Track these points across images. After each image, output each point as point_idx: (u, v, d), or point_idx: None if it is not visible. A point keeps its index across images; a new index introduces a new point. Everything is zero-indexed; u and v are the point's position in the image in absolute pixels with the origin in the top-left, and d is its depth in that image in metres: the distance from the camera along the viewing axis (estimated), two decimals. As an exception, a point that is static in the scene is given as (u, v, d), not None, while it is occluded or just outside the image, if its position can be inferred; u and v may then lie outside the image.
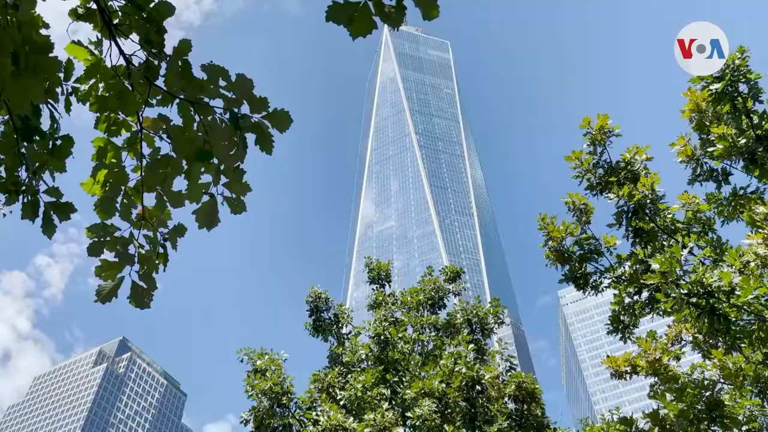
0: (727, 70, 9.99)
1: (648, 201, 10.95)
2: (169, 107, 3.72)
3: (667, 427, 11.10)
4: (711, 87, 10.19)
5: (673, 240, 10.63)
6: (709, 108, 10.61)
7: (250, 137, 3.74)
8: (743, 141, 10.01)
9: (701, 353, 11.82)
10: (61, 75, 3.61)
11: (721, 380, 10.98)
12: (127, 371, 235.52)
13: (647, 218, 11.01)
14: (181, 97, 3.65)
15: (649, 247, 10.82)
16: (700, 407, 10.46)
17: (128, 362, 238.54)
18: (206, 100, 3.66)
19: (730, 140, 10.10)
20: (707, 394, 10.59)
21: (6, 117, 3.53)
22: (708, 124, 10.66)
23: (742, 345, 9.31)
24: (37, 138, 3.62)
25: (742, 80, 10.00)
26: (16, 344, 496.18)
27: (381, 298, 19.03)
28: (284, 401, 15.17)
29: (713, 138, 10.42)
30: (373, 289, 19.95)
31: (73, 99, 3.73)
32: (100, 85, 3.71)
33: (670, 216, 11.05)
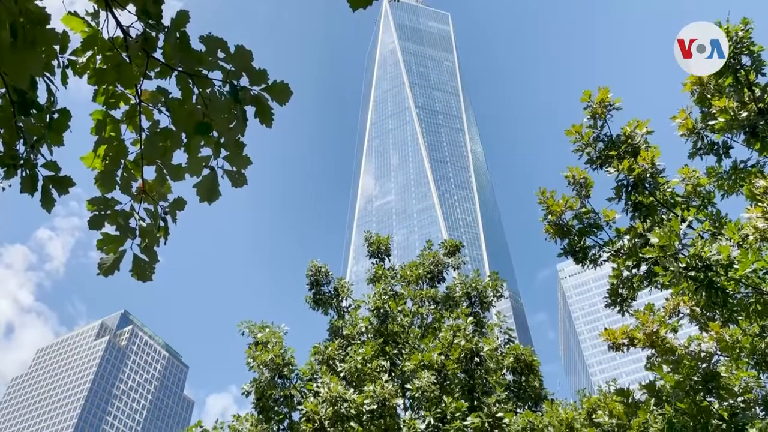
0: (730, 42, 9.89)
1: (648, 175, 10.94)
2: (168, 80, 3.69)
3: (664, 398, 11.26)
4: (713, 59, 10.11)
5: (672, 214, 10.65)
6: (711, 81, 10.53)
7: (250, 110, 3.72)
8: (744, 114, 9.96)
9: (698, 326, 11.93)
10: (57, 47, 3.57)
11: (718, 352, 11.10)
12: (129, 344, 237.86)
13: (647, 192, 11.01)
14: (180, 69, 3.62)
15: (648, 220, 10.84)
16: (696, 379, 10.59)
17: (130, 335, 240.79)
18: (205, 72, 3.63)
19: (732, 113, 10.05)
20: (703, 365, 10.72)
21: (2, 90, 3.51)
22: (710, 97, 10.59)
23: (739, 318, 9.39)
24: (34, 111, 3.59)
25: (745, 52, 9.92)
26: (19, 317, 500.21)
27: (381, 272, 19.13)
28: (285, 373, 15.34)
29: (714, 111, 10.36)
30: (372, 263, 20.05)
31: (69, 72, 3.70)
32: (98, 57, 3.67)
33: (670, 190, 11.05)
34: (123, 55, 3.62)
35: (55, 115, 3.72)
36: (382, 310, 16.78)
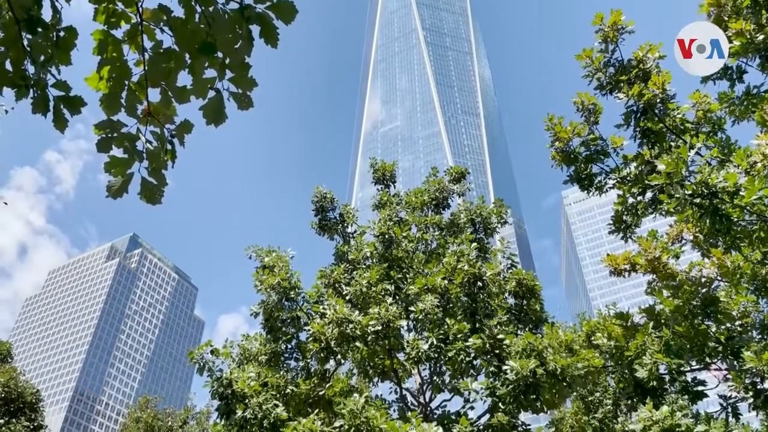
0: (752, -39, 9.48)
1: (658, 100, 10.76)
2: (170, -3, 3.60)
3: (662, 321, 11.53)
4: (734, -21, 9.74)
5: (681, 140, 10.54)
6: (729, 2, 10.18)
7: (255, 31, 3.63)
8: (761, 37, 9.67)
9: (701, 252, 12.06)
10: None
11: (719, 278, 11.27)
12: (139, 266, 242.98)
13: (656, 118, 10.86)
14: (182, -14, 3.52)
15: (656, 147, 10.76)
16: (695, 303, 10.82)
17: (140, 257, 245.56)
18: (208, -11, 3.52)
19: (748, 36, 9.76)
20: (703, 291, 10.92)
21: (6, 10, 3.43)
22: (726, 19, 10.26)
23: (742, 245, 9.48)
24: (40, 30, 3.52)
25: (767, -28, 9.52)
26: (32, 238, 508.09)
27: (386, 198, 19.20)
28: (292, 296, 15.68)
29: (731, 34, 10.06)
30: (378, 189, 20.09)
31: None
32: (96, -27, 3.57)
33: (680, 116, 10.89)
34: (123, -29, 3.51)
35: (62, 33, 3.65)
36: (387, 236, 16.96)
